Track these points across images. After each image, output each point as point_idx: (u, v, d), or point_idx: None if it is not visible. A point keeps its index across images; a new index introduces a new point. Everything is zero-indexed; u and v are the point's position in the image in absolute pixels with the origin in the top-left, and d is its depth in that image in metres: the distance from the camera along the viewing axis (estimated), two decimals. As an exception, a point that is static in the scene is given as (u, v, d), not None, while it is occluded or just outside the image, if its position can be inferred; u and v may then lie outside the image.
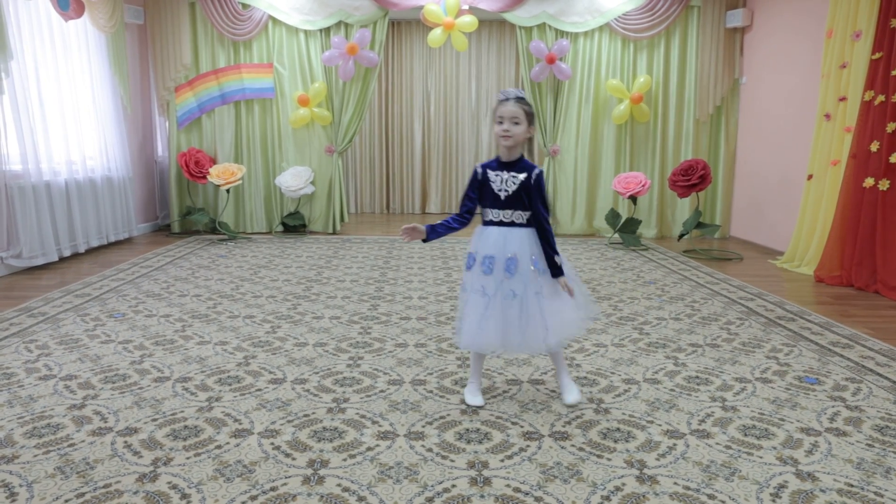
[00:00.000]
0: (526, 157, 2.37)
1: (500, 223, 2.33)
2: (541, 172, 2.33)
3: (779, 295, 4.28)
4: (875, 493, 1.83)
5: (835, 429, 2.24)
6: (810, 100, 5.46)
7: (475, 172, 2.37)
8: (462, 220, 2.41)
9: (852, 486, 1.87)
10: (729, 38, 6.72)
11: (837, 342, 3.24)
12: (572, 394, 2.42)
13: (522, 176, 2.30)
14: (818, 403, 2.46)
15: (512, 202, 2.31)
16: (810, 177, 5.12)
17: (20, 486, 1.82)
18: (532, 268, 2.29)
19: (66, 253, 5.23)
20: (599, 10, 6.70)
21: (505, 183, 2.30)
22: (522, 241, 2.31)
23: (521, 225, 2.33)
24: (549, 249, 2.32)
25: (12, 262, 4.71)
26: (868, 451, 2.08)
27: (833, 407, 2.43)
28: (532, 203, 2.31)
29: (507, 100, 2.31)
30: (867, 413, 2.37)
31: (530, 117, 2.31)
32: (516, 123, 2.28)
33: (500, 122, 2.29)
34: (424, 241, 2.39)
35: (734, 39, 6.73)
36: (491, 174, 2.34)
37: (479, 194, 2.37)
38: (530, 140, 2.40)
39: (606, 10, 6.69)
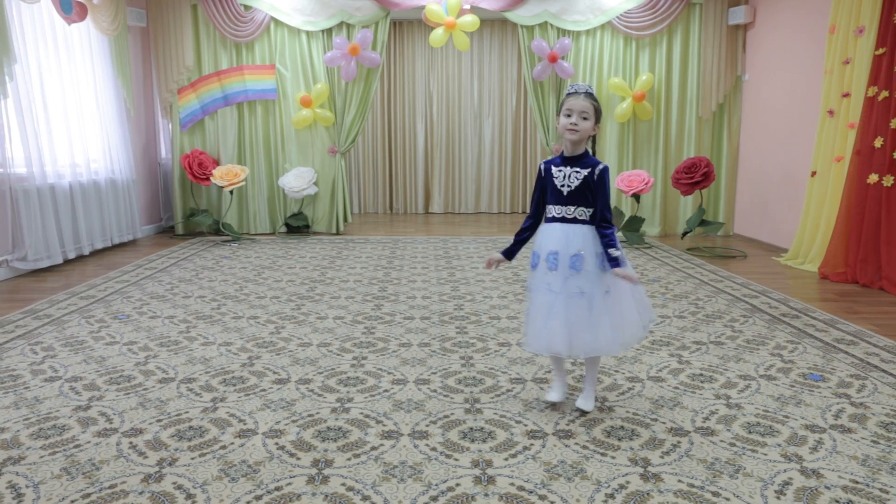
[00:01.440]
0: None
1: (563, 219, 2.27)
2: (605, 168, 2.26)
3: (783, 292, 4.27)
4: (881, 489, 1.83)
5: (840, 426, 2.23)
6: (813, 96, 5.45)
7: (539, 169, 2.34)
8: (534, 220, 2.37)
9: (857, 482, 1.86)
10: (731, 35, 6.70)
11: (842, 339, 3.23)
12: (589, 403, 2.35)
13: (586, 171, 2.24)
14: (823, 400, 2.46)
15: (574, 198, 2.25)
16: (814, 173, 5.11)
17: (27, 486, 1.83)
18: (600, 266, 2.23)
19: (71, 255, 5.25)
20: (601, 9, 6.69)
21: (567, 178, 2.25)
22: (586, 238, 2.23)
23: (583, 222, 2.25)
24: (608, 241, 2.23)
25: (17, 265, 4.73)
26: (873, 447, 2.07)
27: (838, 404, 2.42)
28: (595, 199, 2.25)
29: (577, 93, 2.26)
30: (872, 410, 2.37)
31: (598, 114, 2.27)
32: (585, 118, 2.23)
33: (569, 116, 2.23)
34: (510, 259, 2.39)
35: (736, 36, 6.71)
36: (554, 170, 2.29)
37: (543, 191, 2.33)
38: (594, 137, 2.36)
39: (608, 9, 6.68)
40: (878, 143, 4.38)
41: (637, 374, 2.73)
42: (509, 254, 2.39)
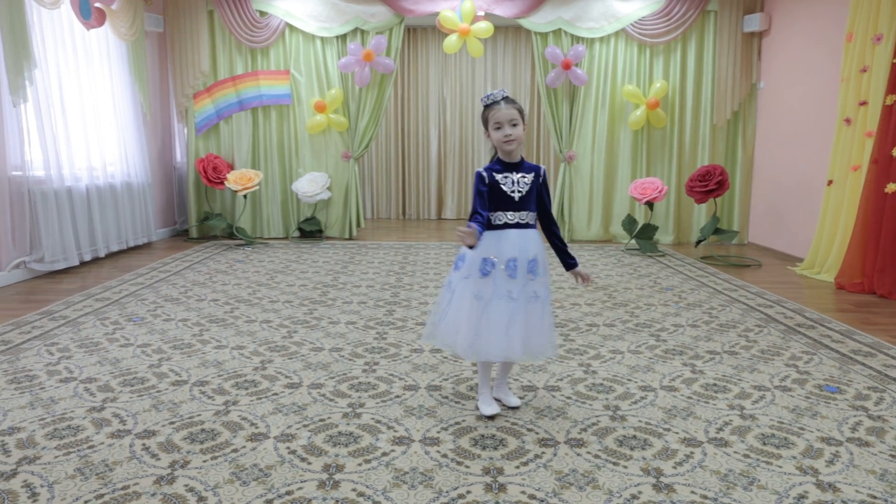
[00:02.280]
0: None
1: (517, 225, 2.27)
2: (545, 170, 2.34)
3: (798, 302, 4.23)
4: (898, 504, 1.80)
5: (857, 439, 2.20)
6: (830, 104, 5.40)
7: (482, 177, 2.26)
8: (485, 217, 2.25)
9: (875, 497, 1.84)
10: (746, 43, 6.67)
11: (859, 350, 3.19)
12: (513, 398, 2.45)
13: (532, 175, 2.29)
14: (839, 413, 2.42)
15: (526, 202, 2.27)
16: (830, 182, 5.06)
17: (41, 486, 1.84)
18: (545, 269, 2.30)
19: (87, 257, 5.30)
20: (615, 16, 6.68)
21: (517, 184, 2.27)
22: (537, 242, 2.30)
23: (532, 226, 2.31)
24: (561, 244, 2.37)
25: (34, 267, 4.78)
26: (892, 462, 2.04)
27: (855, 416, 2.39)
28: (541, 201, 2.33)
29: (497, 102, 2.25)
30: (891, 423, 2.33)
31: (523, 115, 2.29)
32: (514, 125, 2.24)
33: (499, 128, 2.24)
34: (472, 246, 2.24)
35: (752, 44, 6.68)
36: (498, 177, 2.26)
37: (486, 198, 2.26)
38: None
39: (622, 16, 6.67)
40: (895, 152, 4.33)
41: (650, 384, 2.71)
42: (483, 224, 2.22)
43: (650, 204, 6.20)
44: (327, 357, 3.02)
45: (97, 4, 5.47)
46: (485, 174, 2.28)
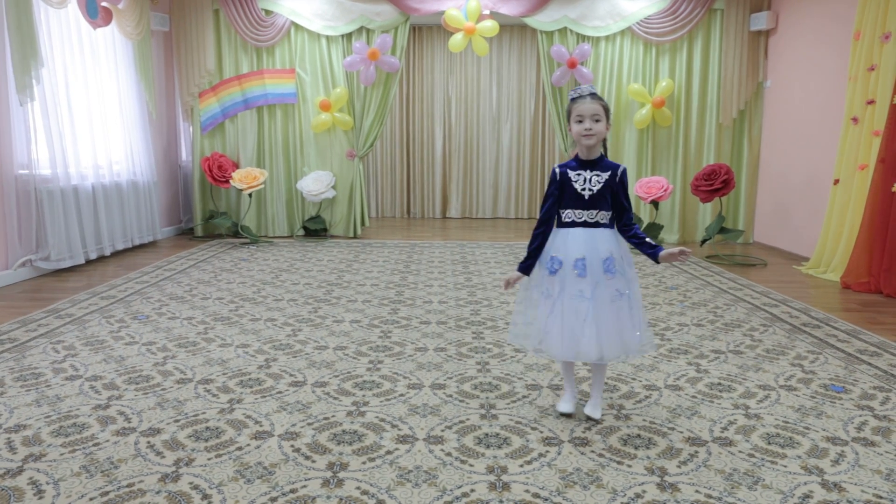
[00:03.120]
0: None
1: (585, 224, 2.22)
2: (625, 170, 2.26)
3: (804, 301, 4.21)
4: (904, 504, 1.79)
5: (862, 438, 2.19)
6: (836, 103, 5.37)
7: (554, 174, 2.26)
8: (547, 228, 2.27)
9: (881, 497, 1.83)
10: (753, 42, 6.64)
11: (865, 350, 3.17)
12: (598, 410, 2.33)
13: (607, 174, 2.22)
14: (845, 412, 2.41)
15: (596, 202, 2.21)
16: (837, 181, 5.03)
17: (47, 483, 1.85)
18: (625, 267, 2.22)
19: (93, 256, 5.32)
20: (621, 15, 6.66)
21: (588, 182, 2.21)
22: (610, 241, 2.22)
23: (604, 225, 2.23)
24: (637, 239, 2.24)
25: (40, 265, 4.81)
26: (897, 461, 2.03)
27: (860, 416, 2.38)
28: (617, 202, 2.24)
29: (582, 96, 2.22)
30: (896, 423, 2.32)
31: (608, 113, 2.24)
32: (597, 121, 2.19)
33: (581, 121, 2.19)
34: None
35: (758, 42, 6.65)
36: (571, 174, 2.24)
37: (558, 197, 2.26)
38: (604, 138, 2.31)
39: (628, 14, 6.65)
40: (903, 151, 4.30)
41: (654, 383, 2.71)
42: (527, 269, 2.29)
43: (655, 203, 6.18)
44: (332, 355, 3.03)
45: (104, 3, 5.48)
46: (557, 171, 2.26)
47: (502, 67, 8.83)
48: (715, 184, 5.76)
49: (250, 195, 6.68)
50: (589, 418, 2.32)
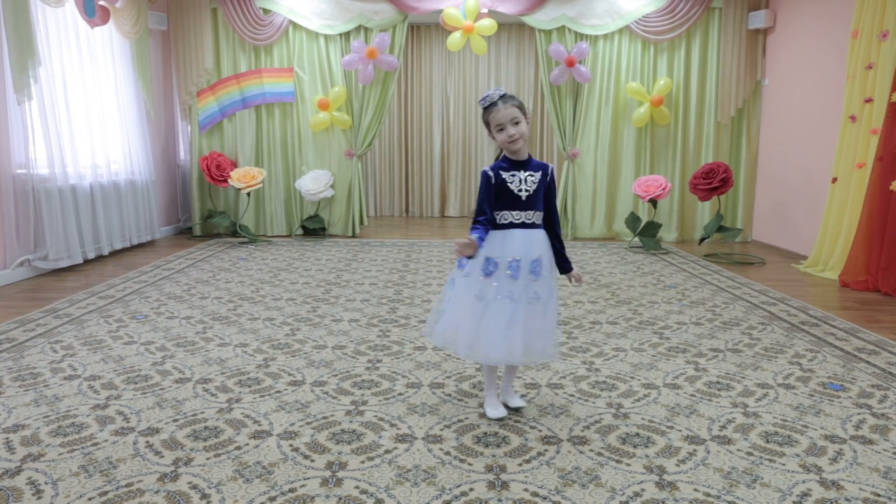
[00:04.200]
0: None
1: (522, 225, 2.22)
2: (553, 168, 2.28)
3: (802, 300, 4.22)
4: (902, 502, 1.79)
5: (860, 437, 2.20)
6: (835, 102, 5.38)
7: (488, 176, 2.21)
8: (490, 220, 2.21)
9: (879, 495, 1.83)
10: (751, 40, 6.64)
11: (863, 348, 3.18)
12: (516, 398, 2.40)
13: (539, 174, 2.23)
14: (843, 410, 2.42)
15: (533, 202, 2.22)
16: (835, 180, 5.04)
17: (45, 483, 1.85)
18: (550, 270, 2.25)
19: (91, 255, 5.32)
20: (619, 13, 6.66)
21: (524, 182, 2.21)
22: (543, 243, 2.24)
23: (538, 226, 2.26)
24: (560, 246, 2.32)
25: (39, 264, 4.80)
26: (895, 460, 2.04)
27: (859, 414, 2.38)
28: (549, 201, 2.28)
29: (494, 104, 2.19)
30: (894, 421, 2.32)
31: (524, 111, 2.22)
32: (517, 123, 2.18)
33: (502, 129, 2.18)
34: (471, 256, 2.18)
35: (756, 41, 6.65)
36: (506, 175, 2.21)
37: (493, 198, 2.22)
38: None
39: (626, 13, 6.65)
40: (901, 149, 4.31)
41: (653, 381, 2.71)
42: (481, 240, 2.16)
43: (654, 201, 6.19)
44: (330, 355, 3.03)
45: (101, 2, 5.48)
46: (491, 174, 2.22)
47: (501, 66, 8.83)
48: (713, 182, 5.76)
49: (249, 194, 6.68)
50: (518, 409, 2.36)
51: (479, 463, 1.99)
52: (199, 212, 6.95)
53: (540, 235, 2.25)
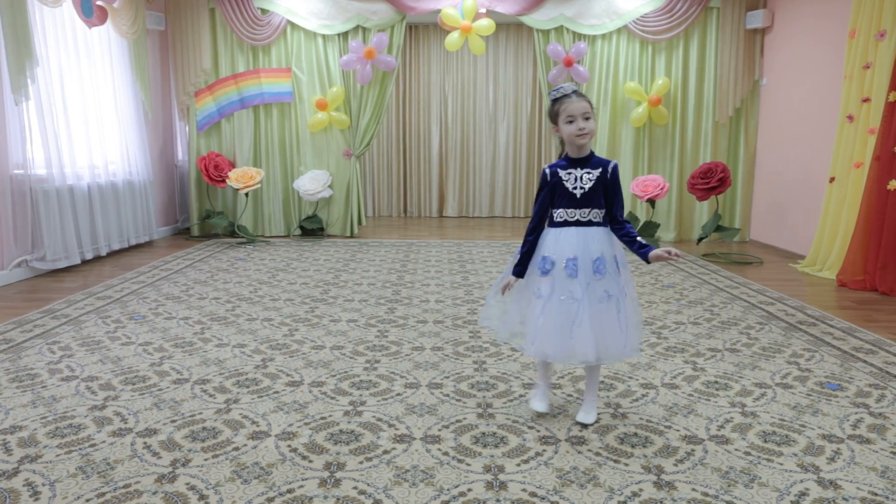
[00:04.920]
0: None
1: (577, 223, 2.19)
2: (616, 165, 2.22)
3: (800, 299, 4.22)
4: (899, 501, 1.80)
5: (858, 436, 2.20)
6: (832, 101, 5.39)
7: (545, 175, 2.22)
8: (541, 229, 2.24)
9: (876, 494, 1.83)
10: (749, 40, 6.65)
11: (861, 347, 3.18)
12: (591, 415, 2.30)
13: (598, 171, 2.18)
14: (840, 410, 2.42)
15: (589, 200, 2.17)
16: (832, 179, 5.05)
17: (43, 484, 1.85)
18: (618, 268, 2.19)
19: (89, 256, 5.31)
20: (617, 13, 6.67)
21: (580, 180, 2.18)
22: (605, 241, 2.18)
23: (598, 224, 2.20)
24: (629, 237, 2.20)
25: (36, 265, 4.79)
26: (893, 459, 2.04)
27: (856, 414, 2.39)
28: (609, 199, 2.20)
29: (568, 96, 2.17)
30: (892, 420, 2.33)
31: (593, 109, 2.20)
32: (587, 118, 2.15)
33: (572, 121, 2.14)
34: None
35: (754, 41, 6.66)
36: (562, 173, 2.20)
37: (548, 197, 2.23)
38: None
39: (624, 13, 6.66)
40: (898, 149, 4.32)
41: (651, 381, 2.71)
42: (521, 273, 2.25)
43: (652, 201, 6.19)
44: (328, 355, 3.03)
45: (99, 2, 5.47)
46: (548, 172, 2.22)
47: (499, 66, 8.83)
48: (711, 182, 5.77)
49: (247, 195, 6.67)
50: (582, 424, 2.28)
51: (477, 463, 1.99)
52: (198, 212, 6.94)
53: (599, 234, 2.19)
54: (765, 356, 3.05)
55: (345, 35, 6.76)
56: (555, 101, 2.21)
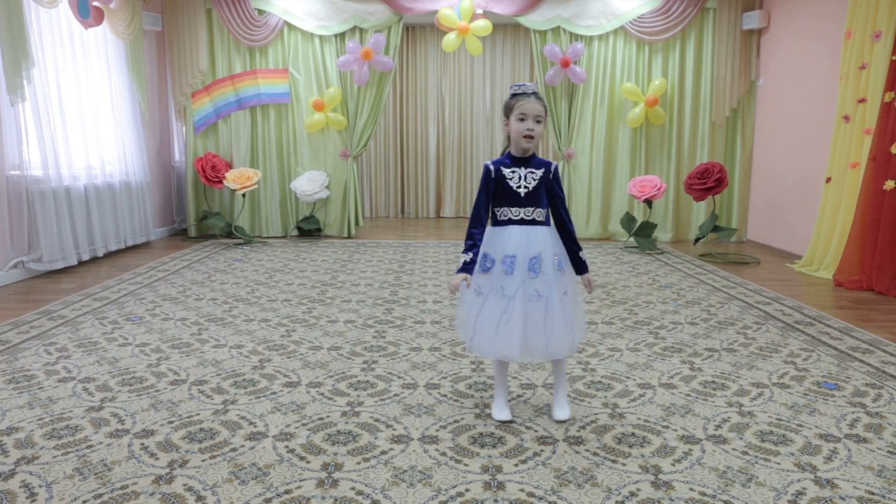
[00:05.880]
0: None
1: (521, 221, 2.21)
2: (558, 166, 2.25)
3: (797, 299, 4.23)
4: (896, 500, 1.80)
5: (855, 435, 2.21)
6: (828, 102, 5.40)
7: (488, 170, 2.23)
8: (485, 225, 2.24)
9: (873, 493, 1.84)
10: (745, 40, 6.67)
11: (857, 347, 3.19)
12: (565, 410, 2.31)
13: (541, 171, 2.22)
14: (837, 409, 2.43)
15: (532, 199, 2.20)
16: (829, 179, 5.06)
17: (40, 486, 1.84)
18: (557, 267, 2.21)
19: (85, 257, 5.30)
20: (614, 13, 6.68)
21: (524, 179, 2.20)
22: (545, 240, 2.21)
23: (541, 223, 2.23)
24: (574, 245, 2.26)
25: (33, 266, 4.78)
26: (889, 458, 2.05)
27: (853, 413, 2.39)
28: (552, 198, 2.25)
29: (526, 94, 2.18)
30: (888, 420, 2.34)
31: (547, 115, 2.22)
32: (538, 122, 2.17)
33: (523, 119, 2.17)
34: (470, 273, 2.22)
35: (751, 41, 6.68)
36: (506, 171, 2.21)
37: (491, 194, 2.24)
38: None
39: (621, 13, 6.67)
40: (894, 149, 4.34)
41: (648, 381, 2.72)
42: (470, 270, 2.21)
43: (649, 202, 6.20)
44: (326, 356, 3.02)
45: (95, 3, 5.46)
46: (492, 168, 2.23)
47: (496, 67, 8.84)
48: (708, 182, 5.78)
49: (244, 195, 6.66)
50: (559, 422, 2.28)
51: (475, 463, 1.99)
52: (194, 213, 6.94)
53: (541, 233, 2.22)
54: (762, 356, 3.06)
55: (342, 36, 6.76)
56: (513, 95, 2.23)
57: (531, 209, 2.22)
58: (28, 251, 4.79)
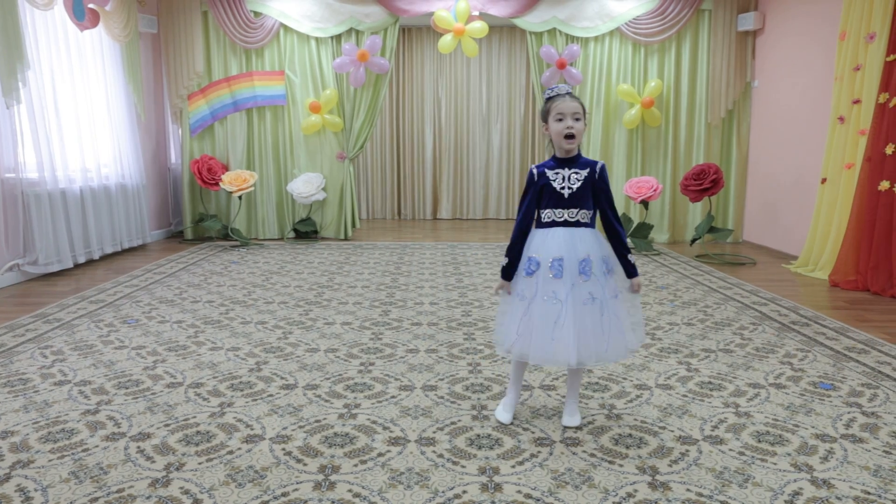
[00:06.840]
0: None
1: (565, 223, 2.17)
2: (604, 166, 2.20)
3: (793, 299, 4.24)
4: (893, 500, 1.81)
5: (851, 435, 2.21)
6: (823, 103, 5.42)
7: (531, 175, 2.21)
8: (529, 229, 2.22)
9: (869, 493, 1.84)
10: (741, 42, 6.68)
11: (853, 347, 3.20)
12: (575, 417, 2.30)
13: (586, 171, 2.17)
14: (833, 409, 2.43)
15: (576, 200, 2.16)
16: (824, 180, 5.08)
17: (35, 490, 1.84)
18: (606, 270, 2.16)
19: (81, 259, 5.28)
20: (610, 15, 6.69)
21: (567, 180, 2.16)
22: (592, 242, 2.16)
23: (586, 224, 2.18)
24: (622, 248, 2.21)
25: (28, 269, 4.76)
26: (885, 458, 2.05)
27: (849, 413, 2.40)
28: (598, 200, 2.19)
29: (561, 95, 2.17)
30: (884, 419, 2.34)
31: (585, 112, 2.20)
32: (577, 119, 2.15)
33: (561, 119, 2.14)
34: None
35: (746, 43, 6.70)
36: (549, 173, 2.19)
37: (536, 198, 2.22)
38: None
39: (617, 15, 6.68)
40: (889, 149, 4.35)
41: (645, 382, 2.72)
42: (510, 275, 2.23)
43: (645, 203, 6.21)
44: (323, 358, 3.02)
45: (91, 5, 5.45)
46: (535, 173, 2.21)
47: (492, 68, 8.84)
48: (704, 183, 5.79)
49: (240, 197, 6.65)
50: (567, 428, 2.27)
51: (472, 465, 1.99)
52: (191, 215, 6.92)
53: (586, 234, 2.17)
54: (758, 356, 3.07)
55: (338, 38, 6.76)
56: (548, 99, 2.22)
57: (575, 210, 2.17)
58: (24, 254, 4.77)
